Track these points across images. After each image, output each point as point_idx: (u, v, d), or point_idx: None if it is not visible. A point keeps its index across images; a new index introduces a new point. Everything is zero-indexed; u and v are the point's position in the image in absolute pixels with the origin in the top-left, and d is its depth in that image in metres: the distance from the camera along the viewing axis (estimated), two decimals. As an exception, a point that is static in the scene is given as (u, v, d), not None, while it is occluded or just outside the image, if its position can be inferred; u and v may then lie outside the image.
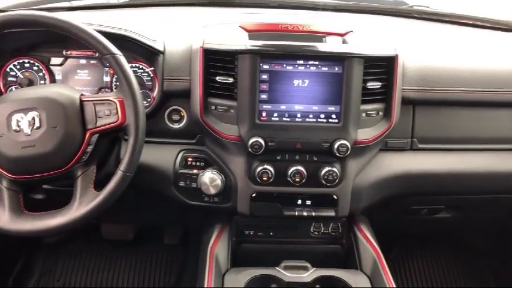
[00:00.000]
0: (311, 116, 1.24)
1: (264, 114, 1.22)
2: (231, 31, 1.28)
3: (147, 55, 1.30)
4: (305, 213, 1.29)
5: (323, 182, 1.25)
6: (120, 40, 1.23)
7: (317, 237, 1.38)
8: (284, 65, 1.21)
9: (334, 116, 1.24)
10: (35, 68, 1.32)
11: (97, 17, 1.54)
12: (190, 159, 1.30)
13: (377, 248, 1.30)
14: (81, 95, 1.09)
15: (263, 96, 1.22)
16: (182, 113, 1.31)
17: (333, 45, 1.25)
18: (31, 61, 1.31)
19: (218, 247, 1.28)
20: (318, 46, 1.22)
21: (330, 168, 1.25)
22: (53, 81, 1.33)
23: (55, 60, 1.33)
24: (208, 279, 1.16)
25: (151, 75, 1.32)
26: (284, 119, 1.23)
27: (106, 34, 1.13)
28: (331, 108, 1.23)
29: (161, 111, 1.31)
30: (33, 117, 1.04)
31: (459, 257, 2.16)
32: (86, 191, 1.07)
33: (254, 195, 1.28)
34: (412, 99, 1.32)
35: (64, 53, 1.32)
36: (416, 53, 1.37)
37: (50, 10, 1.55)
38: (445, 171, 1.37)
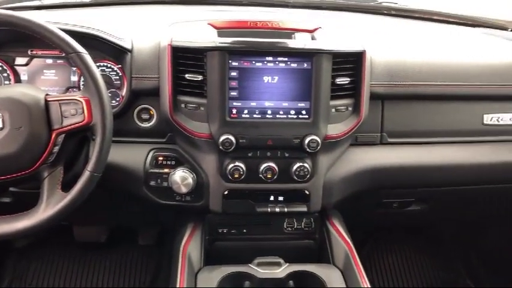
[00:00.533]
0: (281, 113, 1.24)
1: (234, 111, 1.22)
2: (200, 28, 1.27)
3: (115, 54, 1.28)
4: (277, 209, 1.30)
5: (295, 178, 1.26)
6: (86, 39, 1.22)
7: (290, 233, 1.39)
8: (253, 62, 1.21)
9: (304, 112, 1.24)
10: None
11: (64, 16, 1.51)
12: (160, 158, 1.29)
13: (349, 242, 1.31)
14: (46, 95, 1.07)
15: (233, 93, 1.21)
16: (152, 112, 1.30)
17: (302, 41, 1.25)
18: None
19: (191, 246, 1.27)
20: (287, 42, 1.23)
21: (301, 164, 1.25)
22: (18, 81, 1.30)
23: (20, 60, 1.29)
24: (180, 278, 1.15)
25: (119, 74, 1.30)
26: (255, 116, 1.23)
27: (71, 33, 1.11)
28: (301, 104, 1.24)
29: (130, 110, 1.29)
30: None
31: (431, 249, 2.20)
32: (53, 192, 1.05)
33: (226, 192, 1.27)
34: (381, 94, 1.34)
35: (29, 53, 1.29)
36: (384, 49, 1.39)
37: (16, 9, 1.51)
38: (414, 164, 1.39)
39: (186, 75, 1.22)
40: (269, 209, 1.30)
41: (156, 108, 1.28)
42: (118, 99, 1.30)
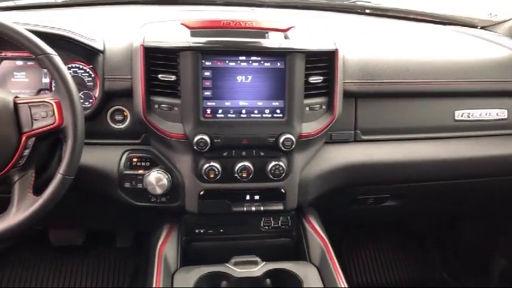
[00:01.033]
0: (256, 112, 1.24)
1: (209, 111, 1.22)
2: (173, 28, 1.26)
3: (87, 55, 1.27)
4: (254, 208, 1.30)
5: (270, 177, 1.26)
6: (56, 40, 1.20)
7: (267, 231, 1.39)
8: (227, 62, 1.21)
9: (278, 111, 1.25)
10: None
11: (34, 17, 1.49)
12: (135, 159, 1.28)
13: (325, 239, 1.32)
14: (15, 98, 1.05)
15: (207, 93, 1.21)
16: (125, 113, 1.29)
17: (275, 40, 1.25)
18: None
19: (167, 247, 1.26)
20: (260, 42, 1.23)
21: (277, 162, 1.26)
22: None
23: None
24: (156, 279, 1.14)
25: (92, 75, 1.29)
26: (229, 116, 1.23)
27: (40, 34, 1.10)
28: (275, 103, 1.25)
29: (103, 111, 1.28)
30: None
31: (409, 245, 2.24)
32: (24, 197, 1.03)
33: (202, 193, 1.27)
34: (354, 92, 1.36)
35: None
36: (356, 47, 1.41)
37: (-16, 10, 1.48)
38: (388, 160, 1.41)
39: (159, 75, 1.21)
40: (245, 208, 1.30)
41: (130, 109, 1.27)
42: (91, 100, 1.28)
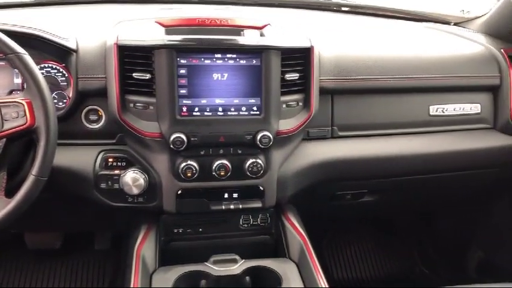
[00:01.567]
0: (233, 109, 1.24)
1: (185, 109, 1.21)
2: (147, 27, 1.25)
3: (59, 54, 1.24)
4: (232, 206, 1.30)
5: (248, 174, 1.26)
6: (27, 39, 1.18)
7: (247, 229, 1.39)
8: (202, 59, 1.21)
9: (255, 108, 1.25)
10: None
11: (5, 16, 1.45)
12: (111, 159, 1.26)
13: (304, 236, 1.33)
14: None
15: (182, 91, 1.20)
16: (100, 113, 1.27)
17: (250, 38, 1.25)
18: None
19: (145, 247, 1.25)
20: (235, 39, 1.23)
21: (254, 160, 1.26)
22: None
23: None
24: (134, 280, 1.13)
25: (65, 74, 1.27)
26: (206, 114, 1.23)
27: (10, 33, 1.08)
28: (252, 100, 1.25)
29: (78, 111, 1.26)
30: None
31: (388, 240, 2.26)
32: (-4, 199, 1.01)
33: (180, 192, 1.26)
34: (330, 88, 1.36)
35: None
36: (332, 44, 1.42)
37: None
38: (365, 156, 1.42)
39: (134, 74, 1.20)
40: (224, 207, 1.30)
41: (105, 108, 1.26)
42: (65, 100, 1.26)
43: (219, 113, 1.23)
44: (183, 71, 1.20)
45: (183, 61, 1.19)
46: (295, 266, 1.24)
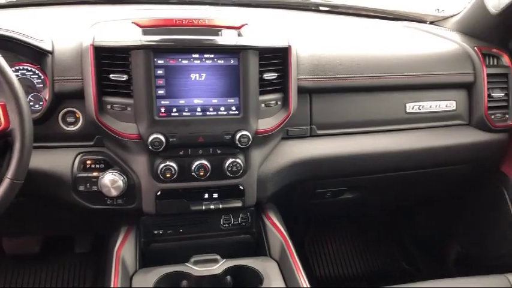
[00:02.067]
0: (211, 109, 1.24)
1: (163, 110, 1.21)
2: (124, 27, 1.24)
3: (35, 56, 1.23)
4: (212, 206, 1.30)
5: (228, 174, 1.26)
6: (2, 41, 1.17)
7: (227, 229, 1.39)
8: (179, 59, 1.20)
9: (234, 108, 1.25)
10: None
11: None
12: (89, 161, 1.25)
13: (284, 234, 1.33)
14: None
15: (160, 91, 1.20)
16: (77, 115, 1.26)
17: (228, 38, 1.25)
18: None
19: (125, 249, 1.24)
20: (213, 39, 1.23)
21: (234, 159, 1.26)
22: None
23: None
24: (114, 282, 1.12)
25: (41, 77, 1.25)
26: (184, 114, 1.22)
27: None
28: (230, 100, 1.25)
29: (54, 113, 1.25)
30: None
31: (370, 237, 2.28)
32: (-30, 203, 1.00)
33: (159, 193, 1.26)
34: (308, 87, 1.38)
35: None
36: (310, 44, 1.43)
37: None
38: (343, 154, 1.44)
39: (111, 75, 1.19)
40: (204, 207, 1.29)
41: (82, 110, 1.25)
42: (41, 103, 1.25)
43: (198, 113, 1.23)
44: (161, 72, 1.19)
45: (161, 61, 1.19)
46: (276, 265, 1.24)
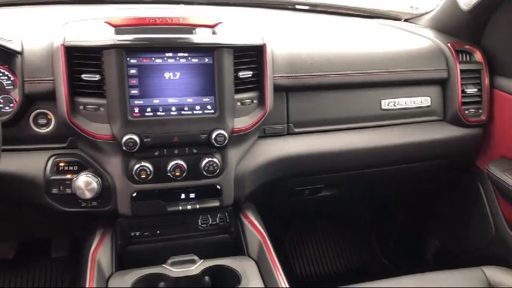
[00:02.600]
0: (186, 109, 1.23)
1: (137, 110, 1.19)
2: (96, 27, 1.22)
3: (3, 56, 1.20)
4: (189, 206, 1.29)
5: (204, 174, 1.25)
6: None
7: (206, 229, 1.38)
8: (153, 58, 1.19)
9: (209, 107, 1.24)
10: None
11: None
12: (62, 164, 1.23)
13: (263, 233, 1.33)
14: None
15: (133, 91, 1.18)
16: (49, 116, 1.24)
17: (202, 36, 1.25)
18: None
19: (100, 252, 1.22)
20: (187, 38, 1.22)
21: (210, 159, 1.25)
22: None
23: None
24: (89, 286, 1.10)
25: (11, 78, 1.22)
26: (158, 114, 1.21)
27: None
28: (205, 99, 1.24)
29: (25, 115, 1.22)
30: None
31: (349, 234, 2.30)
32: None
33: (135, 194, 1.24)
34: (284, 86, 1.37)
35: None
36: (285, 42, 1.43)
37: None
38: (320, 151, 1.44)
39: (83, 75, 1.17)
40: (181, 207, 1.28)
41: (54, 112, 1.22)
42: (11, 105, 1.22)
43: (173, 113, 1.22)
44: (134, 71, 1.18)
45: (133, 61, 1.17)
46: (254, 264, 1.24)
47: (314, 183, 1.58)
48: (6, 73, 1.21)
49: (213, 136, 1.23)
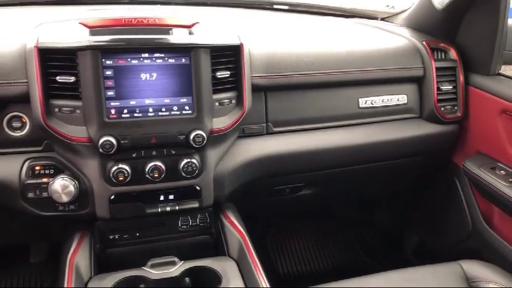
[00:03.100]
0: (164, 110, 1.22)
1: (113, 111, 1.18)
2: (70, 28, 1.21)
3: None
4: (168, 208, 1.28)
5: (183, 175, 1.25)
6: None
7: (186, 230, 1.37)
8: (129, 59, 1.18)
9: (187, 108, 1.23)
10: None
11: None
12: (37, 167, 1.21)
13: (243, 233, 1.33)
14: None
15: (110, 93, 1.17)
16: (24, 119, 1.21)
17: (179, 36, 1.24)
18: None
19: (78, 256, 1.21)
20: (163, 38, 1.21)
21: (189, 159, 1.24)
22: None
23: None
24: None
25: None
26: (135, 115, 1.20)
27: None
28: (183, 99, 1.23)
29: None
30: None
31: (330, 232, 2.31)
32: None
33: (112, 197, 1.22)
34: (262, 85, 1.38)
35: None
36: (262, 42, 1.43)
37: None
38: (299, 150, 1.44)
39: (58, 77, 1.15)
40: (160, 209, 1.27)
41: (28, 115, 1.20)
42: None
43: (150, 114, 1.21)
44: (109, 72, 1.16)
45: (109, 62, 1.16)
46: (235, 264, 1.24)
47: (294, 182, 1.59)
48: None
49: (192, 137, 1.22)
